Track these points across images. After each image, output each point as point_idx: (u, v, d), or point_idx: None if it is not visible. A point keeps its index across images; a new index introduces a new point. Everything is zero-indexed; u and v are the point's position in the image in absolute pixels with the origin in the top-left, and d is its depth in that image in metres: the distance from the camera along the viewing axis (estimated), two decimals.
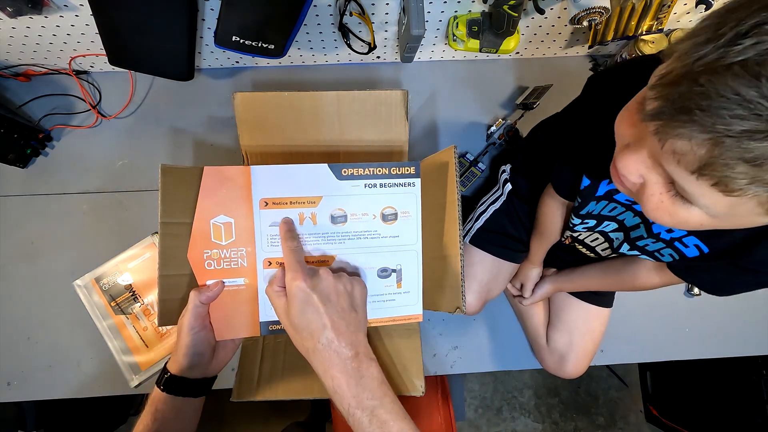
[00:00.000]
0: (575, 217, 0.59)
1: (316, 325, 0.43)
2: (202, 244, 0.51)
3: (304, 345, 0.44)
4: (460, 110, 0.86)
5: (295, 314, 0.44)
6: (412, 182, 0.54)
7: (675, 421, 1.31)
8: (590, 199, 0.55)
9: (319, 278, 0.45)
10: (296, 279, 0.44)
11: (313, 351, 0.43)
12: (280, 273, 0.48)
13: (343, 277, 0.47)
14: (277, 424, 1.32)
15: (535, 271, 0.75)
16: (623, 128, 0.35)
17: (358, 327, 0.45)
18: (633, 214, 0.53)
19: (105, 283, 0.74)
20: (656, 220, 0.34)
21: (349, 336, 0.43)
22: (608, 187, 0.51)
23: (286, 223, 0.51)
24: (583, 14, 0.65)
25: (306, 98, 0.63)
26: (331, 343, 0.43)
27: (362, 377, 0.42)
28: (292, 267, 0.45)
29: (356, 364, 0.43)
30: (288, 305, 0.45)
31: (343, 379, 0.42)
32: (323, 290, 0.44)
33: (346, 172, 0.53)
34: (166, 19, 0.67)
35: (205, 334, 0.49)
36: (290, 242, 0.48)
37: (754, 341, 0.81)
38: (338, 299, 0.45)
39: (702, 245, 0.47)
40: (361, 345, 0.44)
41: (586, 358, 0.72)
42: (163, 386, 0.49)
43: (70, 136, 0.82)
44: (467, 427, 1.49)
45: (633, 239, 0.56)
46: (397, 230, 0.54)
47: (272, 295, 0.47)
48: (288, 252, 0.47)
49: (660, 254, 0.53)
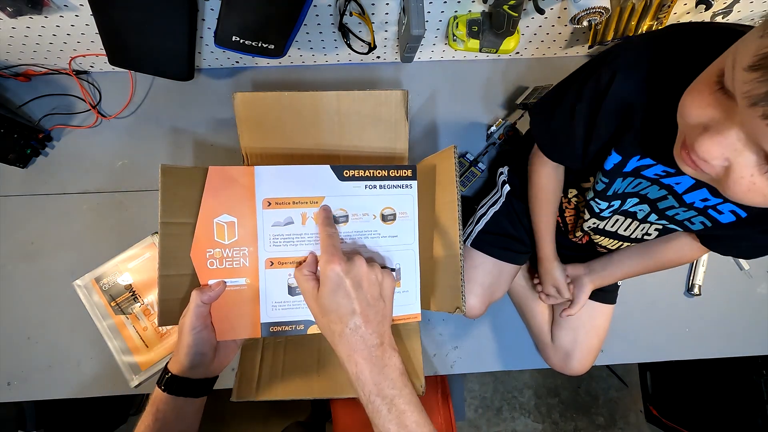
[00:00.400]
0: (601, 201, 0.56)
1: (346, 309, 0.43)
2: (205, 243, 0.51)
3: (330, 327, 0.44)
4: (460, 110, 0.86)
5: (326, 296, 0.44)
6: (409, 184, 0.55)
7: (675, 421, 1.31)
8: (618, 176, 0.52)
9: (353, 264, 0.45)
10: (332, 262, 0.44)
11: (339, 335, 0.43)
12: (311, 258, 0.50)
13: (375, 267, 0.47)
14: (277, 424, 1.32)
15: (557, 269, 0.69)
16: (697, 109, 0.32)
17: (385, 317, 0.45)
18: (659, 187, 0.50)
19: (105, 283, 0.74)
20: (745, 201, 0.33)
21: (376, 325, 0.44)
22: (638, 163, 0.49)
23: (324, 209, 0.52)
24: (583, 14, 0.65)
25: (306, 98, 0.63)
26: (358, 329, 0.43)
27: (385, 366, 0.42)
28: (328, 250, 0.45)
29: (380, 353, 0.43)
30: (320, 287, 0.45)
31: (367, 366, 0.42)
32: (356, 276, 0.44)
33: (348, 174, 0.53)
34: (166, 19, 0.67)
35: (207, 333, 0.49)
36: (328, 228, 0.49)
37: (754, 341, 0.81)
38: (369, 287, 0.45)
39: (739, 210, 0.46)
40: (387, 335, 0.44)
41: (591, 354, 0.72)
42: (164, 386, 0.49)
43: (70, 136, 0.82)
44: (467, 427, 1.49)
45: (662, 210, 0.53)
46: (396, 230, 0.54)
47: (301, 279, 0.47)
48: (325, 236, 0.48)
49: (690, 222, 0.52)
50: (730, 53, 0.29)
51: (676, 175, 0.48)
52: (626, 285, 0.77)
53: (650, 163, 0.48)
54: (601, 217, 0.60)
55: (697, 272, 0.82)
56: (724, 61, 0.30)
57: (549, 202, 0.65)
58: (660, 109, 0.42)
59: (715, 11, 0.74)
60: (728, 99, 0.30)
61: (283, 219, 0.52)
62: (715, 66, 0.31)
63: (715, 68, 0.31)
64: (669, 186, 0.50)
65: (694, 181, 0.47)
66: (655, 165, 0.48)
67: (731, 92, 0.29)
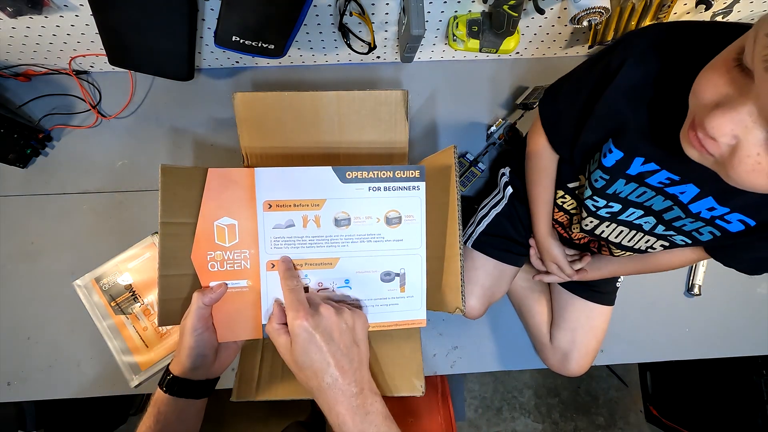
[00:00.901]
0: (599, 198, 0.55)
1: (320, 364, 0.43)
2: (205, 246, 0.51)
3: (308, 384, 0.44)
4: (460, 110, 0.86)
5: (299, 353, 0.44)
6: (416, 186, 0.54)
7: (675, 421, 1.31)
8: (619, 176, 0.51)
9: (320, 317, 0.45)
10: (298, 318, 0.44)
11: (317, 390, 0.43)
12: (277, 310, 0.49)
13: (344, 312, 0.46)
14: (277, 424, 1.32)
15: (555, 246, 0.69)
16: (712, 87, 0.32)
17: (361, 362, 0.45)
18: (663, 197, 0.50)
19: (105, 283, 0.74)
20: (747, 184, 0.32)
21: (353, 373, 0.44)
22: (641, 168, 0.48)
23: (284, 261, 0.51)
24: (583, 14, 0.65)
25: (306, 98, 0.63)
26: (335, 382, 0.43)
27: (368, 413, 0.42)
28: (293, 306, 0.45)
29: (361, 401, 0.43)
30: (292, 343, 0.44)
31: (349, 416, 0.42)
32: (326, 328, 0.44)
33: (351, 175, 0.52)
34: (166, 19, 0.67)
35: (208, 335, 0.49)
36: (290, 281, 0.48)
37: (754, 341, 0.81)
38: (341, 337, 0.45)
39: (748, 219, 0.45)
40: (365, 380, 0.44)
41: (590, 355, 0.72)
42: (165, 388, 0.49)
43: (70, 136, 0.82)
44: (467, 427, 1.49)
45: (668, 221, 0.53)
46: (401, 234, 0.54)
47: (273, 333, 0.47)
48: (288, 291, 0.47)
49: (699, 233, 0.51)
50: (752, 30, 0.29)
51: (681, 184, 0.47)
52: (626, 285, 0.77)
53: (655, 169, 0.47)
54: (598, 216, 0.58)
55: (697, 272, 0.82)
56: (744, 40, 0.30)
57: (545, 173, 0.64)
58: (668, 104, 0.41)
59: (715, 11, 0.74)
60: (744, 77, 0.30)
61: (284, 221, 0.52)
62: (735, 44, 0.31)
63: (735, 47, 0.31)
64: (674, 196, 0.49)
65: (699, 190, 0.46)
66: (659, 171, 0.47)
67: (749, 68, 0.29)
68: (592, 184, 0.55)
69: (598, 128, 0.50)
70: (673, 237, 0.55)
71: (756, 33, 0.28)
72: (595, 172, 0.53)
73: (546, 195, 0.66)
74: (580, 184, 0.61)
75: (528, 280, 0.78)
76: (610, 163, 0.50)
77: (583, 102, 0.51)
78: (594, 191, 0.55)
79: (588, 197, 0.57)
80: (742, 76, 0.30)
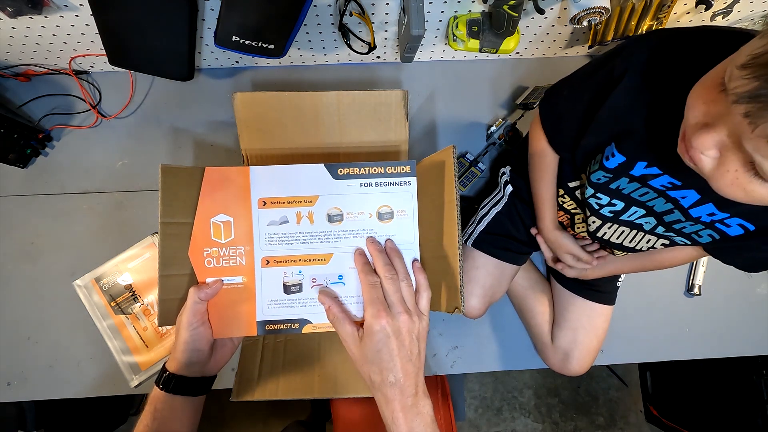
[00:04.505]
0: (602, 194, 0.56)
1: (388, 364, 0.45)
2: (202, 243, 0.51)
3: (371, 377, 0.46)
4: (460, 110, 0.86)
5: (370, 349, 0.46)
6: (407, 181, 0.55)
7: (675, 421, 1.31)
8: (623, 176, 0.52)
9: (399, 321, 0.47)
10: (379, 318, 0.46)
11: (380, 384, 0.46)
12: (333, 302, 0.50)
13: (415, 320, 0.48)
14: (277, 424, 1.32)
15: (564, 236, 0.67)
16: (699, 106, 0.34)
17: (420, 368, 0.48)
18: (665, 200, 0.51)
19: (105, 283, 0.74)
20: (728, 195, 0.34)
21: (414, 377, 0.46)
22: (644, 171, 0.49)
23: (360, 255, 0.52)
24: (583, 14, 0.65)
25: (306, 98, 0.63)
26: (397, 382, 0.45)
27: (418, 413, 0.45)
28: (373, 303, 0.47)
29: (415, 401, 0.45)
30: (365, 338, 0.46)
31: (401, 414, 0.45)
32: (400, 333, 0.46)
33: (342, 172, 0.53)
34: (166, 19, 0.67)
35: (204, 330, 0.50)
36: (370, 276, 0.49)
37: (754, 341, 0.81)
38: (410, 344, 0.47)
39: (747, 224, 0.47)
40: (421, 383, 0.47)
41: (590, 355, 0.72)
42: (161, 385, 0.49)
43: (70, 136, 0.82)
44: (467, 427, 1.49)
45: (668, 223, 0.54)
46: (394, 229, 0.54)
47: (337, 321, 0.49)
48: (369, 287, 0.48)
49: (698, 235, 0.52)
50: (730, 59, 0.31)
51: (682, 188, 0.47)
52: (626, 285, 0.77)
53: (657, 173, 0.48)
54: (600, 215, 0.59)
55: (697, 272, 0.82)
56: (731, 62, 0.31)
57: (548, 171, 0.64)
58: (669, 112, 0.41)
59: (715, 11, 0.74)
60: (725, 99, 0.31)
61: (278, 218, 0.52)
62: (723, 65, 0.32)
63: (722, 67, 0.32)
64: (675, 200, 0.50)
65: (699, 196, 0.47)
66: (662, 175, 0.48)
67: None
68: (594, 182, 0.55)
69: (601, 132, 0.51)
70: (673, 238, 0.56)
71: (733, 62, 0.29)
72: (597, 173, 0.54)
73: (550, 192, 0.66)
74: (581, 183, 0.61)
75: (528, 279, 0.78)
76: (612, 165, 0.51)
77: (584, 106, 0.52)
78: (597, 188, 0.56)
79: (591, 195, 0.57)
80: (725, 98, 0.31)
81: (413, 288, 0.51)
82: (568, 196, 0.65)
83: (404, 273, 0.50)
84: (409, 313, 0.47)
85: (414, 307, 0.49)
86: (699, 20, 0.77)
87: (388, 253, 0.52)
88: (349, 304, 0.52)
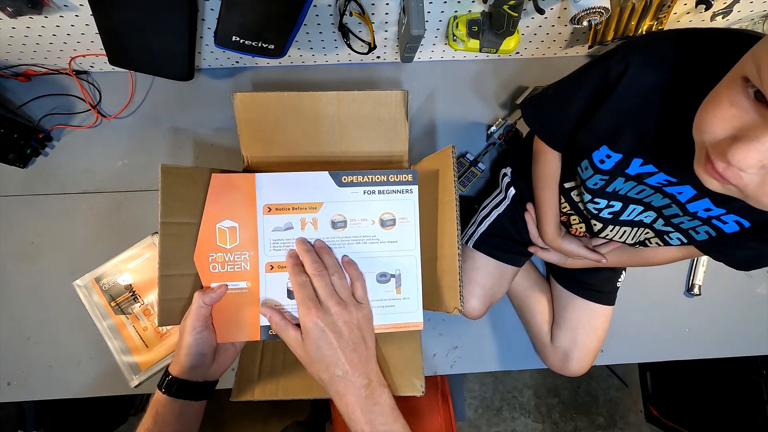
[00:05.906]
0: (600, 198, 0.56)
1: (331, 359, 0.46)
2: (207, 247, 0.52)
3: (319, 376, 0.47)
4: (460, 110, 0.86)
5: (311, 348, 0.46)
6: (409, 189, 0.56)
7: (675, 421, 1.31)
8: (618, 176, 0.51)
9: (330, 314, 0.47)
10: (310, 315, 0.46)
11: (329, 381, 0.46)
12: (275, 311, 0.51)
13: (351, 309, 0.48)
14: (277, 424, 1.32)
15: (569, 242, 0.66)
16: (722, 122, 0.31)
17: (369, 357, 0.48)
18: (662, 195, 0.51)
19: (105, 283, 0.74)
20: None
21: (362, 367, 0.46)
22: (640, 169, 0.48)
23: (292, 256, 0.52)
24: (583, 14, 0.65)
25: (306, 98, 0.63)
26: (345, 375, 0.45)
27: (375, 404, 0.45)
28: (304, 302, 0.47)
29: (369, 392, 0.45)
30: (304, 338, 0.47)
31: (357, 407, 0.44)
32: (336, 326, 0.47)
33: (346, 179, 0.54)
34: (166, 19, 0.67)
35: (208, 334, 0.50)
36: (299, 277, 0.49)
37: (754, 341, 0.81)
38: (350, 334, 0.47)
39: (743, 221, 0.46)
40: (373, 373, 0.47)
41: (590, 355, 0.72)
42: (164, 389, 0.49)
43: (70, 136, 0.82)
44: (467, 427, 1.49)
45: (667, 216, 0.53)
46: (396, 236, 0.55)
47: (281, 329, 0.49)
48: (298, 287, 0.49)
49: (695, 231, 0.52)
50: (747, 61, 0.29)
51: (678, 185, 0.47)
52: (626, 285, 0.77)
53: (652, 171, 0.48)
54: (600, 218, 0.59)
55: (697, 272, 0.82)
56: (742, 70, 0.29)
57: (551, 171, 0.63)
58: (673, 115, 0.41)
59: (715, 11, 0.74)
60: (759, 105, 0.29)
61: (282, 224, 0.53)
62: (734, 74, 0.30)
63: (734, 77, 0.30)
64: (672, 195, 0.50)
65: (695, 192, 0.47)
66: (657, 173, 0.48)
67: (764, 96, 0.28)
68: (591, 188, 0.55)
69: (595, 132, 0.50)
70: (670, 234, 0.56)
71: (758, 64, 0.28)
72: (593, 178, 0.54)
73: (554, 199, 0.65)
74: (576, 185, 0.61)
75: (528, 279, 0.78)
76: (608, 167, 0.51)
77: (579, 105, 0.51)
78: (594, 193, 0.56)
79: (588, 201, 0.58)
80: (757, 105, 0.29)
81: (347, 280, 0.51)
82: (563, 196, 0.65)
83: (335, 267, 0.51)
84: (342, 305, 0.48)
85: (349, 297, 0.49)
86: (699, 20, 0.77)
87: (317, 250, 0.52)
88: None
